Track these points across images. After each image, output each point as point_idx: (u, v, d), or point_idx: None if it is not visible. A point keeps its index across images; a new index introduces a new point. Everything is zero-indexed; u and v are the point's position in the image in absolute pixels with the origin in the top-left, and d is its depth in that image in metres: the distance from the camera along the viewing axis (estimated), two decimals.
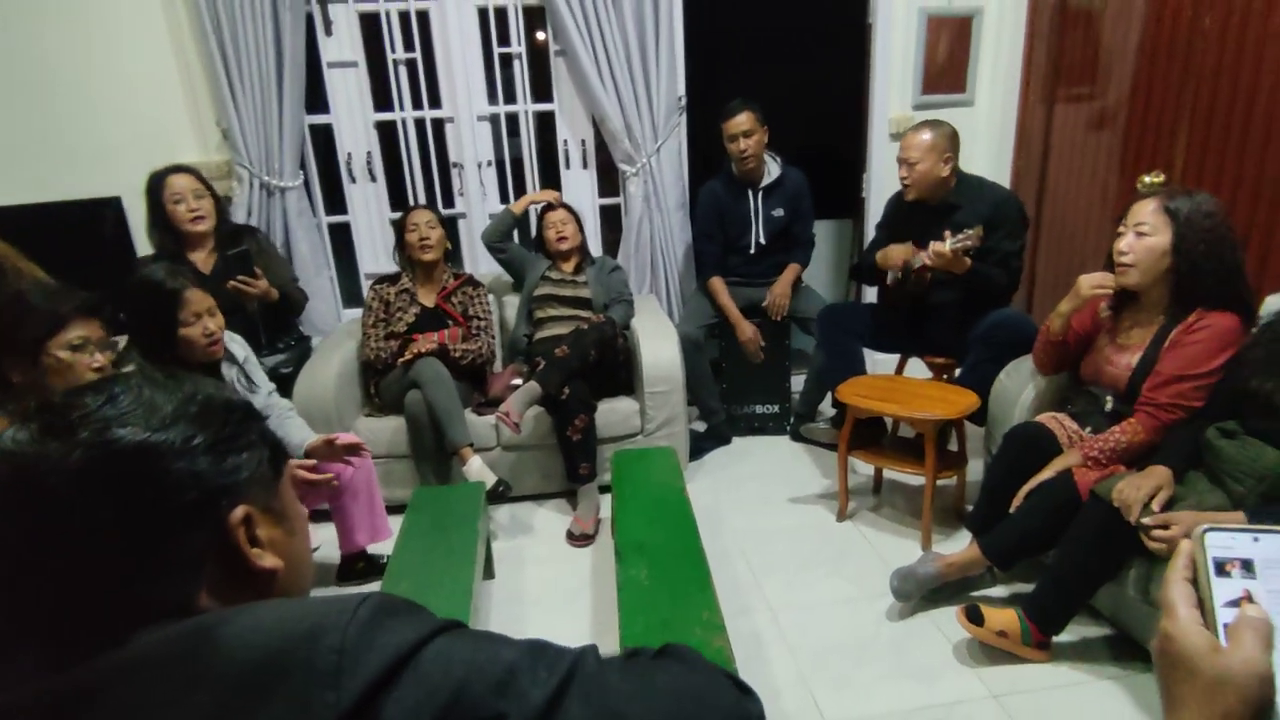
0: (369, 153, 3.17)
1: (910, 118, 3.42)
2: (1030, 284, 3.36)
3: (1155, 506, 1.59)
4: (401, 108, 3.13)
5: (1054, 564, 1.80)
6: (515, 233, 3.05)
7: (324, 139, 3.18)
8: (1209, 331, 1.73)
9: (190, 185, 2.48)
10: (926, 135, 2.50)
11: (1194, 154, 2.48)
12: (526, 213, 3.06)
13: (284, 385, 2.51)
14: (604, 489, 2.60)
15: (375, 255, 3.28)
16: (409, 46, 3.06)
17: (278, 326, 2.71)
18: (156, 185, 2.45)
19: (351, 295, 3.42)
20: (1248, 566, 0.53)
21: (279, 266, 2.70)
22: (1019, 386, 2.28)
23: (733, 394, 3.24)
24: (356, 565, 2.32)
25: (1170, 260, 1.77)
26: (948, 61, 3.41)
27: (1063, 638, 1.85)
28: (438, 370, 2.48)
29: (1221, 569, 0.52)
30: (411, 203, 3.22)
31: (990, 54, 3.41)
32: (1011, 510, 1.92)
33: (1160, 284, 1.83)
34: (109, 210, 2.82)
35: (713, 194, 3.14)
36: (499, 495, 2.38)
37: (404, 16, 3.04)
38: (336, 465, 2.08)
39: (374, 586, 2.19)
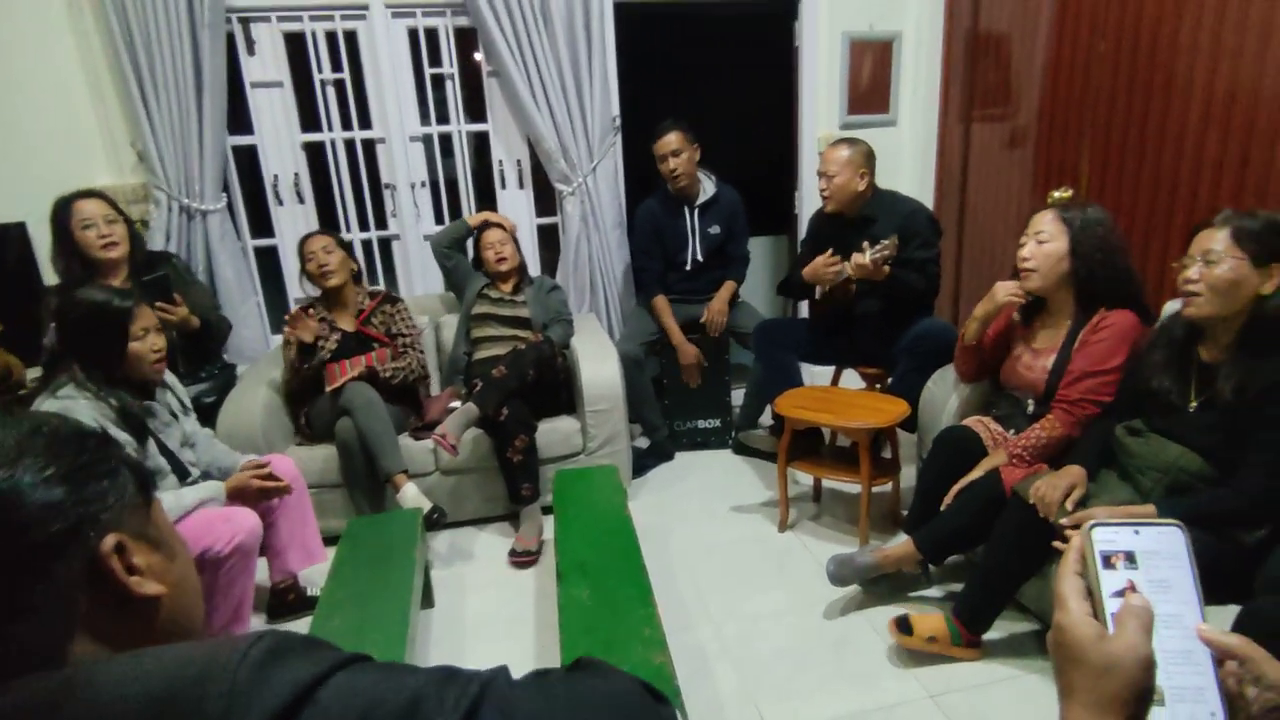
0: (296, 174, 3.09)
1: (838, 136, 3.54)
2: (955, 295, 3.50)
3: (1069, 505, 1.66)
4: (330, 128, 3.07)
5: (979, 564, 1.86)
6: (469, 247, 3.01)
7: (249, 160, 3.09)
8: (1111, 330, 1.86)
9: (101, 210, 2.37)
10: (844, 151, 2.60)
11: (1096, 169, 2.63)
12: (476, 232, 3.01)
13: (207, 415, 2.42)
14: (547, 510, 2.56)
15: (301, 279, 3.19)
16: (336, 66, 3.02)
17: (199, 355, 2.60)
18: (62, 211, 2.34)
19: (280, 320, 3.30)
20: (1131, 558, 0.55)
21: (199, 293, 2.60)
22: (945, 393, 2.36)
23: (674, 410, 3.26)
24: (288, 598, 2.22)
25: (1069, 264, 1.90)
26: (871, 83, 3.54)
27: (992, 634, 1.91)
28: (368, 396, 2.42)
29: (1108, 562, 0.55)
30: (341, 224, 3.16)
31: (910, 77, 3.56)
32: (943, 509, 1.98)
33: (1063, 288, 1.95)
34: (12, 236, 2.66)
35: (650, 212, 3.18)
36: (434, 522, 2.33)
37: (330, 36, 2.99)
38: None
39: (307, 622, 2.10)
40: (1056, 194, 2.77)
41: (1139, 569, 0.54)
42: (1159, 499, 1.59)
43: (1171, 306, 2.00)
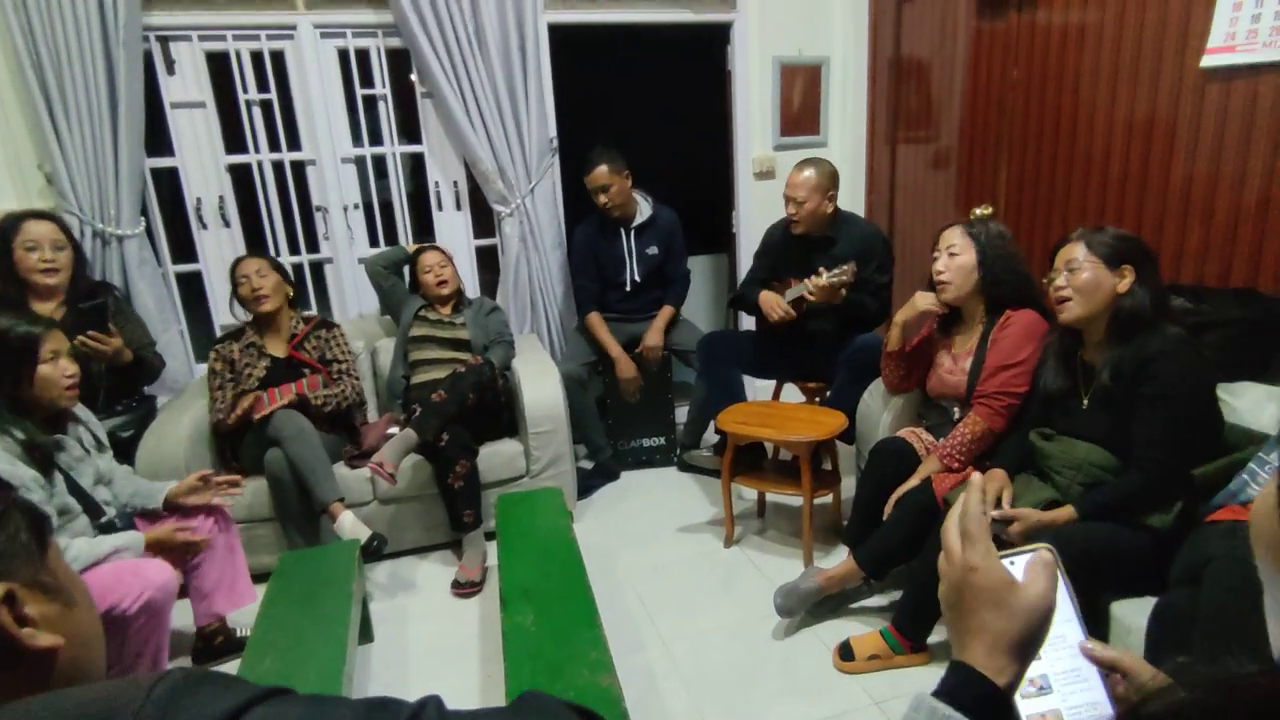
0: (221, 197, 2.98)
1: (772, 158, 3.64)
2: (889, 309, 3.61)
3: (1005, 504, 1.74)
4: (257, 150, 2.98)
5: (915, 573, 1.92)
6: (405, 272, 2.95)
7: (170, 183, 2.97)
8: (1016, 326, 2.01)
9: (50, 234, 2.28)
10: (810, 174, 2.64)
11: (1013, 187, 2.77)
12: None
13: (125, 451, 2.29)
14: (490, 535, 2.51)
15: (232, 304, 3.07)
16: (263, 87, 2.93)
17: (121, 389, 2.46)
18: (9, 228, 2.23)
19: (205, 349, 3.17)
20: None
21: (135, 328, 2.48)
22: (880, 405, 2.43)
23: (619, 429, 3.25)
24: (215, 642, 2.11)
25: (978, 274, 2.04)
26: (802, 106, 3.66)
27: (936, 637, 1.95)
28: (299, 424, 2.33)
29: None
30: (270, 248, 3.06)
31: (839, 100, 3.69)
32: (884, 519, 2.03)
33: (974, 296, 2.08)
34: None
35: (586, 234, 3.18)
36: (374, 551, 2.25)
37: (256, 56, 2.91)
38: (196, 518, 1.94)
39: (236, 664, 1.99)
40: (978, 211, 2.89)
41: None
42: (1076, 497, 1.68)
43: None
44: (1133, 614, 1.49)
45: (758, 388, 3.45)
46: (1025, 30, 2.59)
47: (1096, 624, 1.53)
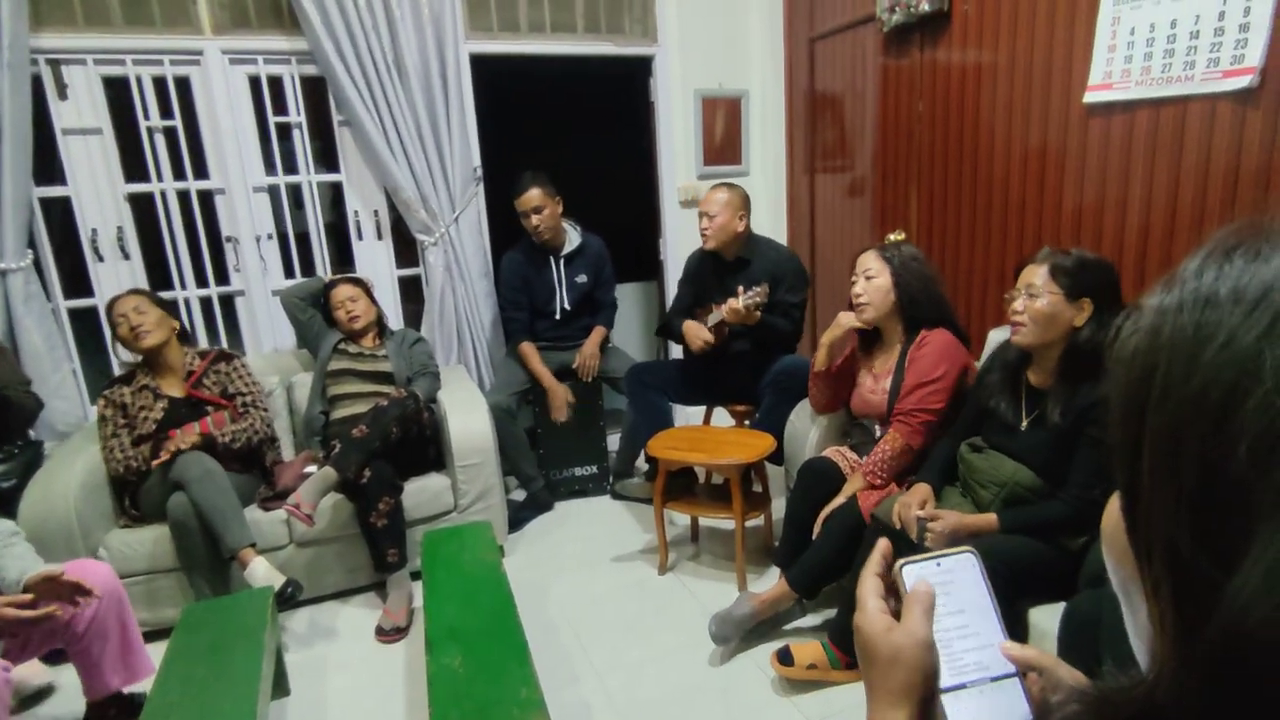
0: (119, 228, 2.81)
1: (696, 187, 3.71)
2: (811, 331, 3.71)
3: (926, 512, 1.78)
4: (160, 178, 2.83)
5: (847, 589, 1.94)
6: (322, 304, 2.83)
7: (62, 213, 2.79)
8: (931, 346, 2.07)
9: None
10: (724, 194, 2.74)
11: (924, 213, 2.91)
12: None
13: (6, 502, 2.10)
14: (416, 575, 2.41)
15: (115, 347, 2.88)
16: (166, 113, 2.80)
17: None
18: None
19: (99, 389, 2.95)
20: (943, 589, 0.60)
21: (4, 367, 2.29)
22: (807, 425, 2.48)
23: (550, 459, 3.20)
24: (108, 713, 1.92)
25: (894, 295, 2.11)
26: (724, 137, 3.76)
27: None
28: (205, 466, 2.18)
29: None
30: (175, 280, 2.90)
31: (759, 131, 3.81)
32: (814, 538, 2.05)
33: (892, 316, 2.15)
34: None
35: (515, 262, 3.16)
36: (289, 598, 2.12)
37: (159, 81, 2.79)
38: (67, 606, 1.72)
39: None
40: (892, 237, 3.02)
41: (943, 597, 0.58)
42: (999, 510, 1.73)
43: (996, 334, 2.23)
44: (1048, 619, 1.54)
45: (687, 414, 3.47)
46: (929, 68, 2.74)
47: (1016, 630, 1.58)
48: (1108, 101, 2.07)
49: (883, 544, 0.59)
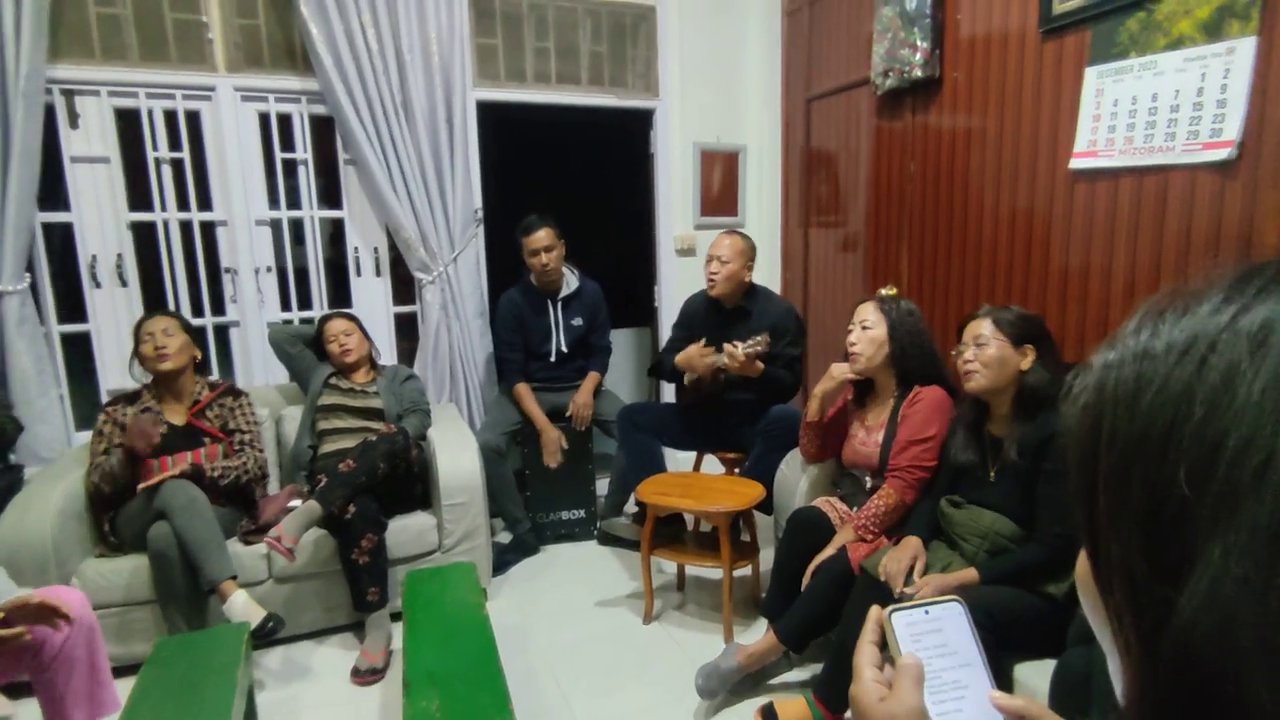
0: (119, 255, 2.83)
1: (693, 236, 3.78)
2: (804, 382, 3.73)
3: (916, 575, 1.77)
4: (164, 208, 2.87)
5: (835, 642, 1.91)
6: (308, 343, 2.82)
7: (63, 238, 2.80)
8: (924, 403, 2.09)
9: None
10: (738, 241, 2.78)
11: (914, 270, 2.96)
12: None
13: None
14: (396, 616, 2.36)
15: (122, 369, 2.86)
16: (175, 145, 2.85)
17: None
18: None
19: (87, 416, 2.93)
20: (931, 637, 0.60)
21: None
22: (796, 475, 2.47)
23: (538, 501, 3.17)
24: None
25: (888, 347, 2.14)
26: (722, 189, 3.84)
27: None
28: (190, 495, 2.15)
29: (915, 640, 0.59)
30: (172, 309, 2.90)
31: (755, 185, 3.90)
32: (802, 590, 2.03)
33: (885, 369, 2.17)
34: None
35: (512, 303, 3.18)
36: (268, 634, 2.07)
37: (170, 115, 2.84)
38: (40, 630, 1.67)
39: None
40: (883, 291, 3.07)
41: (931, 646, 0.59)
42: (981, 563, 1.74)
43: None
44: (1035, 676, 1.53)
45: (679, 459, 3.46)
46: (920, 130, 2.84)
47: (1002, 685, 1.56)
48: (1093, 168, 2.15)
49: (875, 613, 0.60)
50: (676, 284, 3.75)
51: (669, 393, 3.44)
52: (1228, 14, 1.77)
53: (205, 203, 2.94)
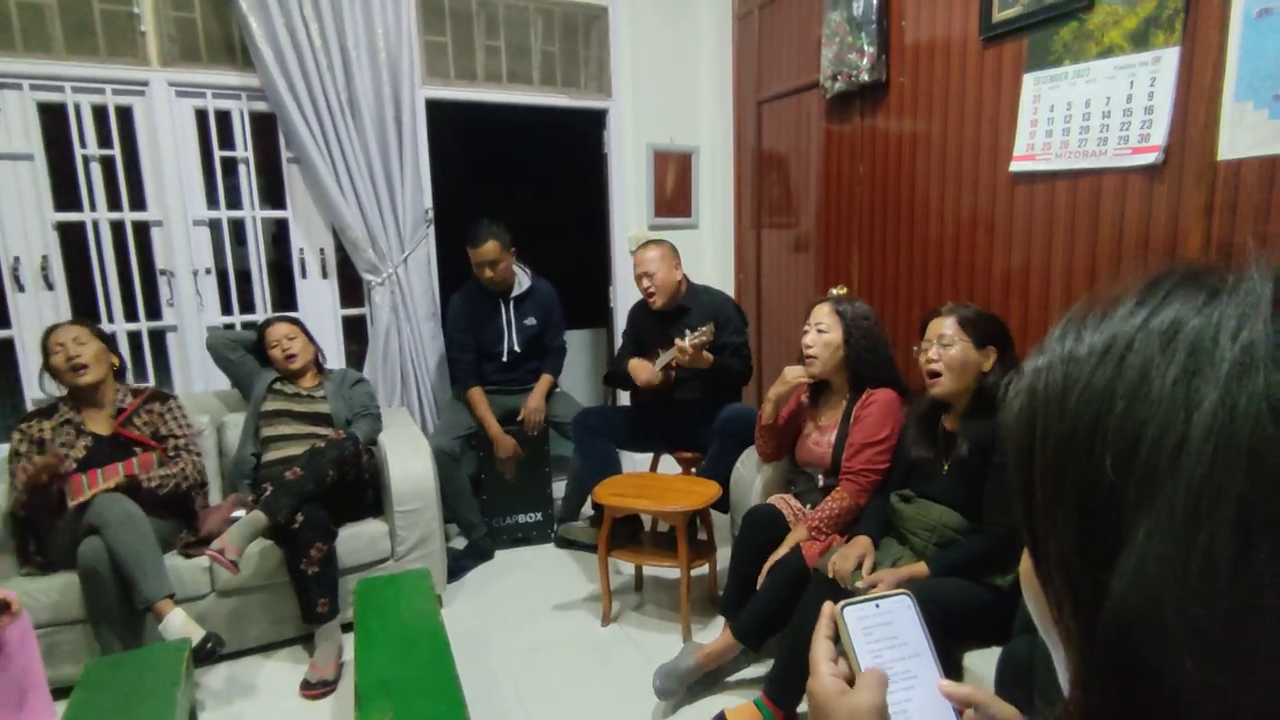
0: (44, 256, 2.69)
1: (647, 236, 3.78)
2: (758, 382, 3.77)
3: (864, 571, 1.80)
4: (94, 208, 2.73)
5: (786, 640, 1.94)
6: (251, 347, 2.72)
7: None
8: (876, 405, 2.12)
9: None
10: (655, 250, 2.82)
11: (864, 270, 3.02)
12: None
13: None
14: (348, 627, 2.30)
15: (41, 378, 2.73)
16: (105, 143, 2.72)
17: None
18: None
19: (12, 428, 2.78)
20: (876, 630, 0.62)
21: None
22: (751, 473, 2.50)
23: (493, 506, 3.13)
24: None
25: (843, 350, 2.16)
26: (675, 190, 3.86)
27: (805, 707, 1.96)
28: (125, 509, 2.05)
29: (867, 634, 0.60)
30: (103, 314, 2.77)
31: (709, 186, 3.93)
32: (758, 588, 2.04)
33: (840, 371, 2.20)
34: None
35: (463, 304, 3.13)
36: (208, 654, 1.99)
37: (99, 111, 2.71)
38: None
39: None
40: (835, 291, 3.13)
41: (882, 639, 0.60)
42: (930, 556, 1.78)
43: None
44: (983, 664, 1.57)
45: (635, 460, 3.46)
46: (868, 134, 2.89)
47: (951, 673, 1.60)
48: (1031, 171, 2.22)
49: (828, 608, 0.60)
50: (631, 285, 3.73)
51: (625, 395, 3.44)
52: (1153, 25, 1.85)
53: (139, 202, 2.82)
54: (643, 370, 2.79)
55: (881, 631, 0.60)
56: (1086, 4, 1.99)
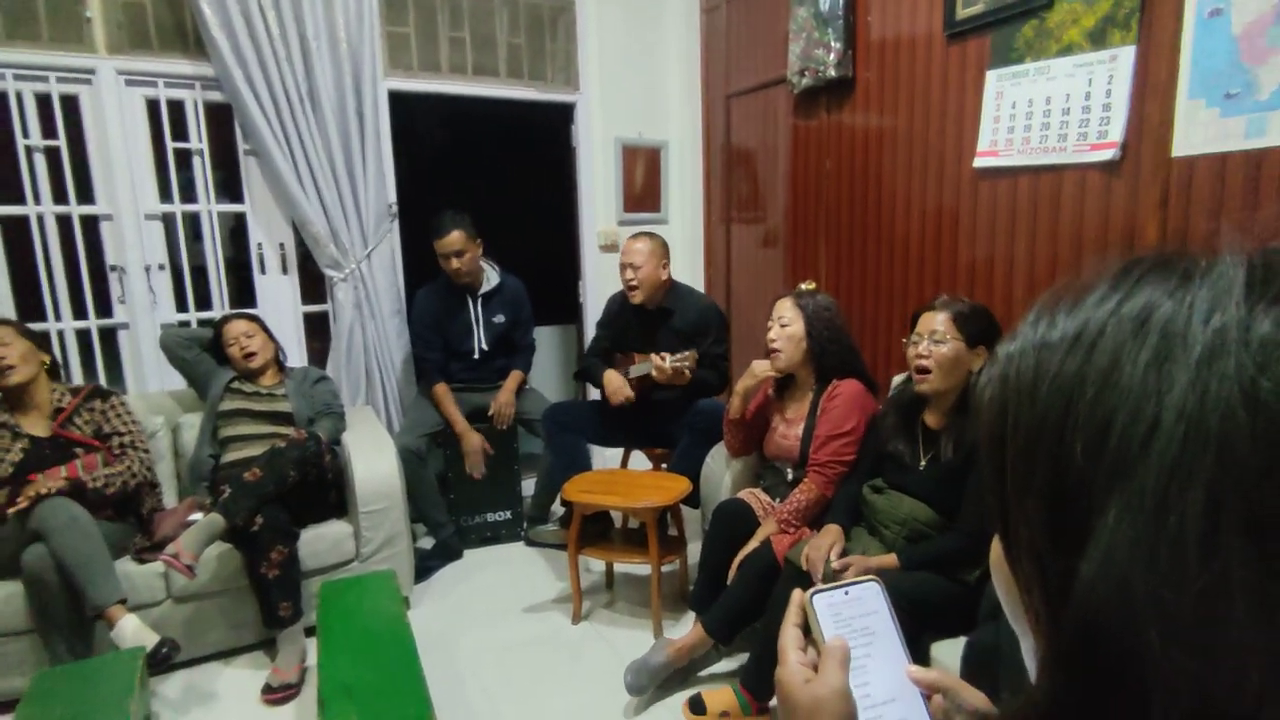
0: None
1: (616, 232, 3.76)
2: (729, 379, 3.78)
3: (833, 558, 1.81)
4: (38, 201, 2.62)
5: (760, 632, 1.94)
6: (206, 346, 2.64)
7: None
8: (842, 397, 2.12)
9: None
10: (645, 243, 2.77)
11: (832, 265, 3.04)
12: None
13: None
14: (311, 631, 2.24)
15: None
16: (50, 133, 2.61)
17: None
18: None
19: None
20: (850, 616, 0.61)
21: None
22: (721, 468, 2.50)
23: (461, 504, 3.08)
24: None
25: (806, 343, 2.17)
26: (644, 185, 3.84)
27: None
28: (71, 513, 1.97)
29: (836, 621, 0.60)
30: (49, 311, 2.67)
31: (678, 181, 3.92)
32: (729, 582, 2.04)
33: (805, 364, 2.21)
34: None
35: (430, 302, 3.08)
36: (163, 660, 1.92)
37: (43, 99, 2.60)
38: None
39: None
40: (803, 286, 3.15)
41: (851, 626, 0.59)
42: (901, 548, 1.79)
43: (900, 380, 2.33)
44: (950, 654, 1.59)
45: (605, 456, 3.44)
46: (834, 129, 2.91)
47: (919, 661, 1.62)
48: (994, 167, 2.25)
49: (797, 596, 0.59)
50: (601, 280, 3.73)
51: (595, 390, 3.42)
52: (1110, 24, 1.88)
53: (86, 195, 2.71)
54: (619, 392, 2.77)
55: (851, 619, 0.59)
56: (1047, 2, 2.02)
